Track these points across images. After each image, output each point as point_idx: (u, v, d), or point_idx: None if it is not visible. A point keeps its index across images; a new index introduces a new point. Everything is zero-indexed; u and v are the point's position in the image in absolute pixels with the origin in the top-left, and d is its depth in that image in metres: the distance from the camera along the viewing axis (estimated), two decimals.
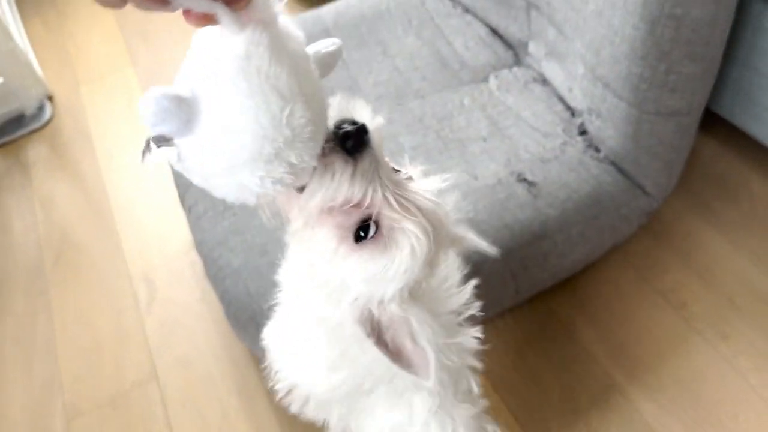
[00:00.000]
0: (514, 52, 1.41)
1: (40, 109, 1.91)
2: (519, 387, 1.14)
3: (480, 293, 1.10)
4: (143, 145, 0.51)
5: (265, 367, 0.72)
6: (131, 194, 1.65)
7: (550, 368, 1.15)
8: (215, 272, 1.19)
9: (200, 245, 1.24)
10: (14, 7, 2.18)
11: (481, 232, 1.09)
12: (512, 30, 1.38)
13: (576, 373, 1.14)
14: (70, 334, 1.39)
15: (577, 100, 1.21)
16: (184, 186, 1.33)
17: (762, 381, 1.09)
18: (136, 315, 1.38)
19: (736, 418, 1.05)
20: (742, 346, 1.13)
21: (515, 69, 1.37)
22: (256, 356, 1.25)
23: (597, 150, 1.18)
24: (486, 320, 1.19)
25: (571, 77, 1.22)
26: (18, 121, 1.89)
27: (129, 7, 0.44)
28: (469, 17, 1.46)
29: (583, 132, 1.21)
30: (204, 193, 1.25)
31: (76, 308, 1.43)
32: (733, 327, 1.15)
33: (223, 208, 1.24)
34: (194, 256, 1.45)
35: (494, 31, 1.43)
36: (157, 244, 1.52)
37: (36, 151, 1.83)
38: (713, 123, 1.39)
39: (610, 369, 1.13)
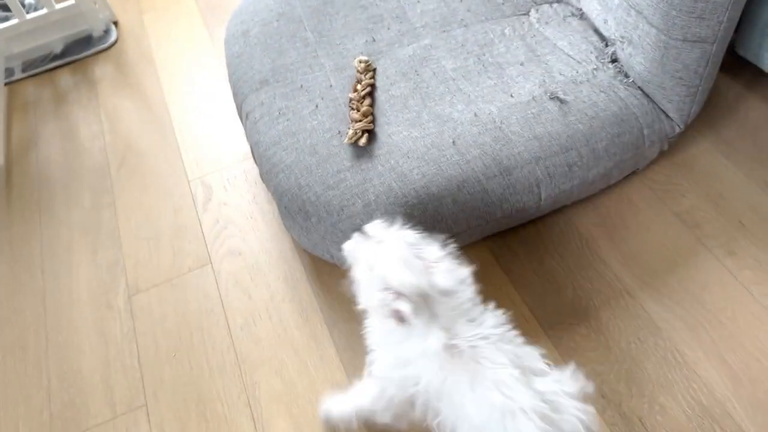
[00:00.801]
0: None
1: (107, 32, 2.06)
2: (536, 285, 1.25)
3: (505, 198, 1.22)
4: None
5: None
6: (190, 111, 1.79)
7: (566, 271, 1.26)
8: (269, 168, 1.32)
9: (256, 146, 1.37)
10: None
11: (511, 143, 1.21)
12: None
13: (589, 277, 1.25)
14: (132, 226, 1.54)
15: (611, 30, 1.31)
16: (241, 95, 1.46)
17: (764, 292, 1.18)
18: (193, 212, 1.53)
19: (735, 320, 1.15)
20: (747, 262, 1.22)
21: (555, 5, 1.46)
22: (302, 249, 1.38)
23: (626, 76, 1.28)
24: (509, 229, 1.31)
25: (606, 8, 1.31)
26: (86, 41, 2.04)
27: None
28: None
29: (614, 60, 1.30)
30: (260, 101, 1.39)
31: (139, 205, 1.58)
32: (741, 246, 1.25)
33: (277, 113, 1.36)
34: (247, 166, 1.58)
35: None
36: (213, 154, 1.65)
37: (102, 70, 1.97)
38: (740, 67, 1.46)
39: (622, 274, 1.24)
